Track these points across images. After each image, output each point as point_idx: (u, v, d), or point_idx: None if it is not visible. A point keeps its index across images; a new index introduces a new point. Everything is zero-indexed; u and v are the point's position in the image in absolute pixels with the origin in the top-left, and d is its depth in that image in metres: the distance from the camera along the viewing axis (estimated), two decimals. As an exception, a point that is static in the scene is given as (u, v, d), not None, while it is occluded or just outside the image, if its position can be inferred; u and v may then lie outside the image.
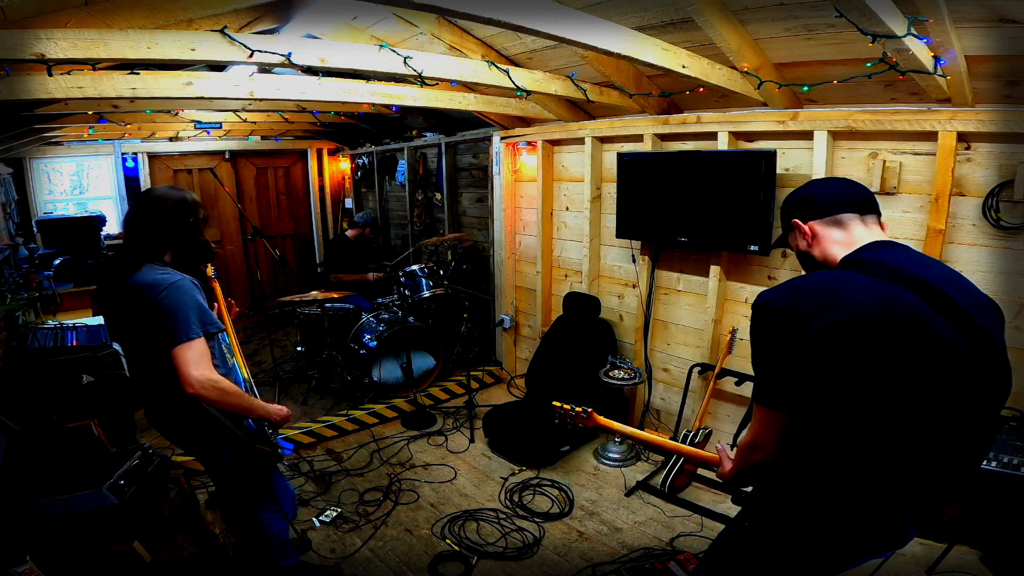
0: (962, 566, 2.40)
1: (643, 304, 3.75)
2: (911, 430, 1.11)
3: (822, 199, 1.35)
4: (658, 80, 3.23)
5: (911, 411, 1.10)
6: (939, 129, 2.43)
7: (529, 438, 3.54)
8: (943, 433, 1.13)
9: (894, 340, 1.09)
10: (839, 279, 1.18)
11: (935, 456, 1.14)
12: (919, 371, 1.10)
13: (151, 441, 3.32)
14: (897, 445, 1.11)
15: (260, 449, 1.99)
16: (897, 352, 1.09)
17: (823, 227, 1.33)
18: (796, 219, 1.37)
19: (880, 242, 1.27)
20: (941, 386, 1.11)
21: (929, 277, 1.15)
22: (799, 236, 1.38)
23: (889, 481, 1.13)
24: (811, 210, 1.35)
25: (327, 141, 7.21)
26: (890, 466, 1.13)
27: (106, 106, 3.90)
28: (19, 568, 1.90)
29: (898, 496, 1.15)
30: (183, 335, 1.71)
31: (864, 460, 1.13)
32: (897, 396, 1.10)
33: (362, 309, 4.74)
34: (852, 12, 1.81)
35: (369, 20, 3.21)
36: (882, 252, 1.23)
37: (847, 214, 1.31)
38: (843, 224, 1.31)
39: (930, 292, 1.13)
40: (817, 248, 1.34)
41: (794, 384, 1.15)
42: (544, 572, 2.60)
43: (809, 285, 1.19)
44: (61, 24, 1.92)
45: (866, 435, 1.12)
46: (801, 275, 1.28)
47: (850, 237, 1.29)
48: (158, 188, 1.94)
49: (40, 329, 3.23)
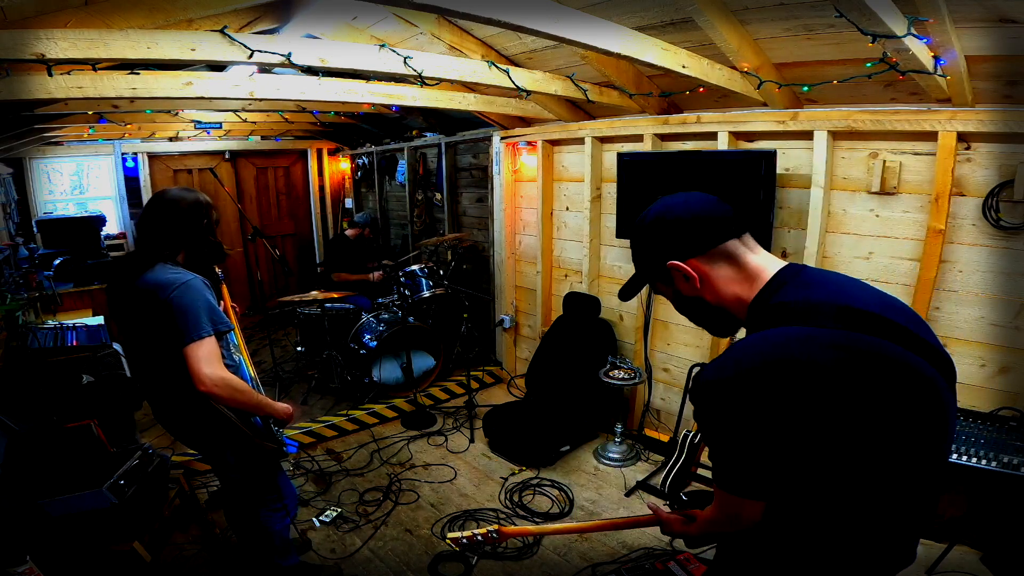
0: (962, 566, 2.40)
1: (643, 304, 3.75)
2: (912, 483, 1.00)
3: (697, 227, 1.06)
4: (658, 80, 3.23)
5: (912, 465, 0.98)
6: (939, 129, 2.43)
7: (529, 438, 3.54)
8: (934, 476, 1.03)
9: (891, 400, 0.93)
10: (797, 336, 0.94)
11: (929, 496, 1.04)
12: (918, 422, 0.96)
13: (151, 441, 3.32)
14: (899, 501, 1.01)
15: (267, 446, 2.01)
16: (895, 411, 0.94)
17: (709, 265, 1.07)
18: (673, 260, 1.07)
19: (786, 271, 1.05)
20: (934, 429, 0.98)
21: (871, 307, 0.98)
22: (679, 280, 1.10)
23: (889, 541, 1.03)
24: (689, 244, 1.06)
25: (327, 141, 7.21)
26: (891, 524, 1.01)
27: (106, 106, 3.89)
28: (19, 568, 1.90)
29: (892, 554, 1.06)
30: (195, 333, 1.73)
31: (869, 520, 0.99)
32: (900, 452, 0.96)
33: (362, 309, 4.74)
34: (852, 12, 1.81)
35: (369, 20, 3.22)
36: (811, 289, 1.01)
37: (730, 242, 1.06)
38: (731, 256, 1.06)
39: (887, 327, 0.97)
40: (709, 292, 1.08)
41: (779, 468, 0.95)
42: (544, 572, 2.60)
43: (779, 360, 0.93)
44: (61, 24, 1.92)
45: (867, 500, 0.98)
46: (746, 341, 0.99)
47: (745, 270, 1.06)
48: (172, 190, 1.97)
49: (40, 329, 3.23)
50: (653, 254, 1.11)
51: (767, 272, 1.05)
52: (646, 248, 1.13)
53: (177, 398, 1.90)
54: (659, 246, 1.10)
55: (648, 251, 1.13)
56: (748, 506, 1.02)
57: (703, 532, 1.21)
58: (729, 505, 1.05)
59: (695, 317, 1.17)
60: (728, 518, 1.07)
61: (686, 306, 1.15)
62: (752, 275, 1.06)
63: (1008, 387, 2.47)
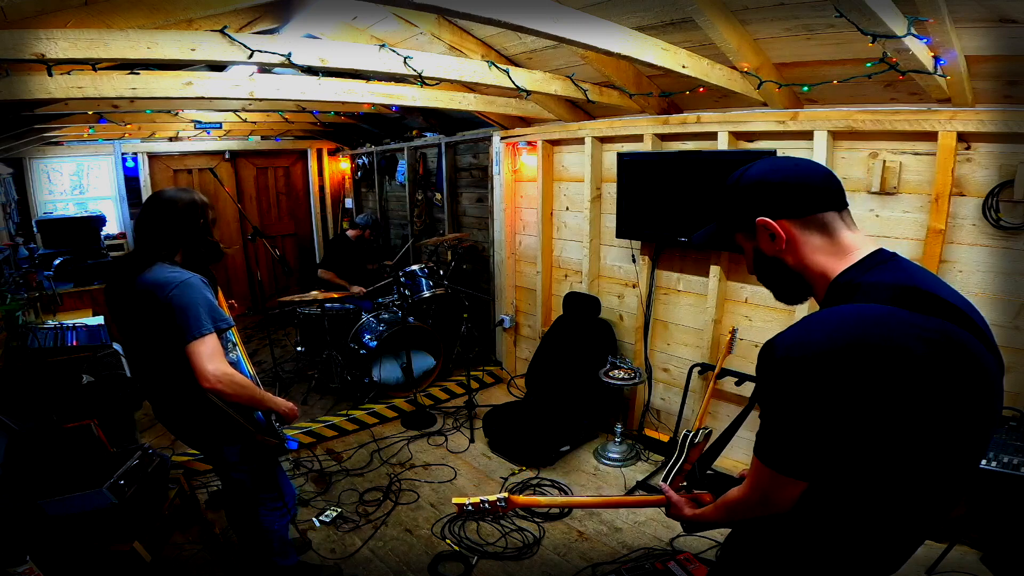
0: (962, 566, 2.40)
1: (643, 304, 3.75)
2: (950, 482, 1.00)
3: (800, 192, 1.04)
4: (658, 80, 3.23)
5: (959, 463, 0.99)
6: (939, 129, 2.43)
7: (529, 438, 3.54)
8: (968, 476, 1.04)
9: (967, 397, 0.93)
10: (887, 317, 0.92)
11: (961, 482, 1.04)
12: (980, 421, 0.97)
13: (151, 441, 3.32)
14: (934, 498, 1.01)
15: (268, 441, 2.01)
16: (968, 408, 0.94)
17: (801, 230, 1.05)
18: (764, 217, 1.06)
19: (879, 254, 1.03)
20: (986, 430, 0.99)
21: (956, 302, 0.98)
22: (763, 237, 1.08)
23: (920, 523, 1.04)
24: (785, 206, 1.05)
25: (327, 141, 7.21)
26: (924, 507, 1.02)
27: (106, 106, 3.89)
28: (19, 568, 1.91)
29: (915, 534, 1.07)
30: (196, 331, 1.74)
31: (902, 506, 1.00)
32: (956, 448, 0.96)
33: (362, 309, 4.74)
34: (852, 12, 1.81)
35: (369, 20, 3.22)
36: (905, 274, 1.00)
37: (829, 212, 1.05)
38: (826, 227, 1.05)
39: (971, 325, 0.97)
40: (792, 256, 1.07)
41: (833, 446, 0.93)
42: (544, 572, 2.60)
43: (859, 328, 0.90)
44: (61, 24, 1.92)
45: (908, 493, 0.98)
46: (822, 313, 0.97)
47: (837, 244, 1.04)
48: (169, 190, 1.97)
49: (40, 329, 3.23)
50: (745, 208, 1.09)
51: (860, 251, 1.04)
52: (739, 201, 1.10)
53: (178, 396, 1.91)
54: (755, 202, 1.07)
55: (740, 204, 1.10)
56: (789, 488, 0.99)
57: (723, 516, 1.17)
58: (769, 486, 1.01)
59: (767, 277, 1.15)
60: (762, 500, 1.04)
61: (762, 265, 1.13)
62: (843, 250, 1.04)
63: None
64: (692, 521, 1.30)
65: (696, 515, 1.28)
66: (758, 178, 1.08)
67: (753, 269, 1.17)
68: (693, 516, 1.29)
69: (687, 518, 1.31)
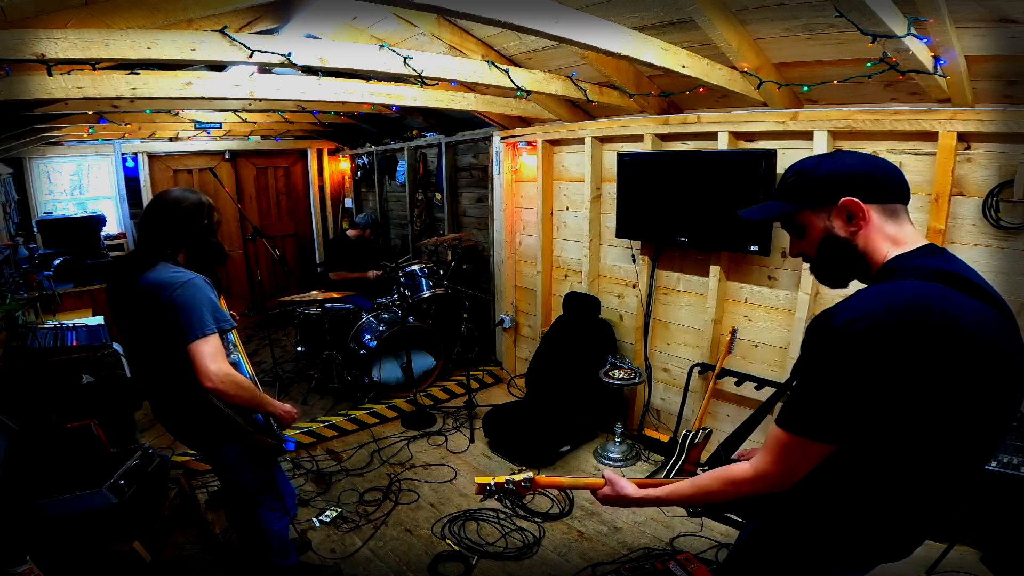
0: (962, 566, 2.40)
1: (643, 304, 3.75)
2: (970, 455, 1.06)
3: (886, 181, 1.11)
4: (658, 80, 3.23)
5: (977, 435, 1.04)
6: (939, 129, 2.43)
7: (529, 438, 3.54)
8: (989, 449, 1.10)
9: (995, 365, 0.99)
10: (943, 296, 0.98)
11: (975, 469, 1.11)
12: (1007, 407, 1.04)
13: (151, 441, 3.32)
14: (955, 470, 1.06)
15: (267, 442, 2.01)
16: (1001, 379, 1.00)
17: (879, 215, 1.11)
18: (853, 197, 1.09)
19: (931, 247, 1.11)
20: (1009, 417, 1.06)
21: (995, 294, 1.07)
22: (840, 218, 1.12)
23: (937, 504, 1.09)
24: (871, 191, 1.10)
25: (327, 141, 7.21)
26: (942, 489, 1.07)
27: (106, 106, 3.89)
28: (19, 568, 1.91)
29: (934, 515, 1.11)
30: (199, 331, 1.74)
31: (922, 484, 1.06)
32: (974, 420, 1.01)
33: (362, 309, 4.74)
34: (852, 12, 1.81)
35: (369, 20, 3.22)
36: (940, 260, 1.07)
37: (901, 205, 1.13)
38: (897, 216, 1.12)
39: (1010, 315, 1.05)
40: (862, 238, 1.11)
41: (868, 410, 0.98)
42: (544, 572, 2.60)
43: (916, 302, 0.96)
44: (61, 24, 1.92)
45: (930, 462, 1.03)
46: (879, 288, 1.03)
47: (899, 232, 1.11)
48: (175, 190, 1.97)
49: (40, 329, 3.23)
50: (831, 189, 1.12)
51: (914, 241, 1.11)
52: (823, 183, 1.13)
53: (178, 397, 1.91)
54: (842, 184, 1.11)
55: (824, 186, 1.13)
56: (814, 454, 1.03)
57: (716, 493, 1.18)
58: (797, 455, 1.05)
59: (827, 257, 1.17)
60: (788, 471, 1.07)
61: (829, 245, 1.15)
62: (902, 239, 1.10)
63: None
64: (651, 502, 1.31)
65: (663, 495, 1.27)
66: (844, 165, 1.13)
67: (808, 249, 1.19)
68: (643, 497, 1.30)
69: (632, 498, 1.31)
